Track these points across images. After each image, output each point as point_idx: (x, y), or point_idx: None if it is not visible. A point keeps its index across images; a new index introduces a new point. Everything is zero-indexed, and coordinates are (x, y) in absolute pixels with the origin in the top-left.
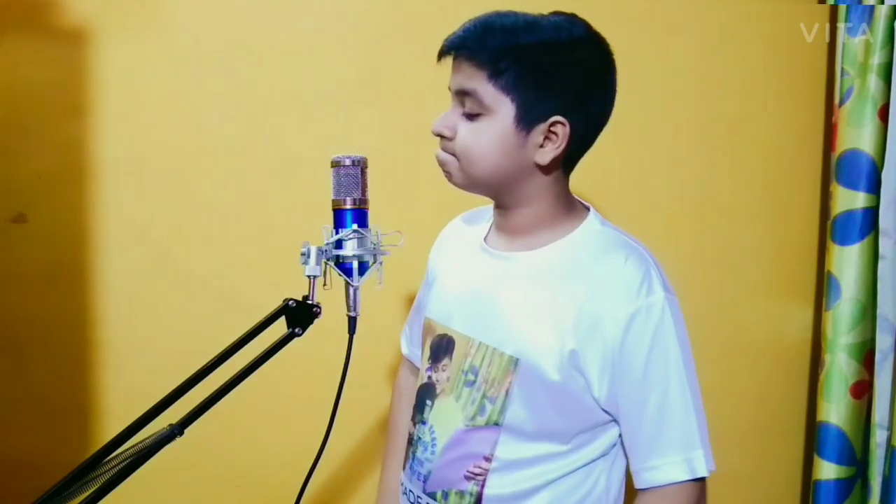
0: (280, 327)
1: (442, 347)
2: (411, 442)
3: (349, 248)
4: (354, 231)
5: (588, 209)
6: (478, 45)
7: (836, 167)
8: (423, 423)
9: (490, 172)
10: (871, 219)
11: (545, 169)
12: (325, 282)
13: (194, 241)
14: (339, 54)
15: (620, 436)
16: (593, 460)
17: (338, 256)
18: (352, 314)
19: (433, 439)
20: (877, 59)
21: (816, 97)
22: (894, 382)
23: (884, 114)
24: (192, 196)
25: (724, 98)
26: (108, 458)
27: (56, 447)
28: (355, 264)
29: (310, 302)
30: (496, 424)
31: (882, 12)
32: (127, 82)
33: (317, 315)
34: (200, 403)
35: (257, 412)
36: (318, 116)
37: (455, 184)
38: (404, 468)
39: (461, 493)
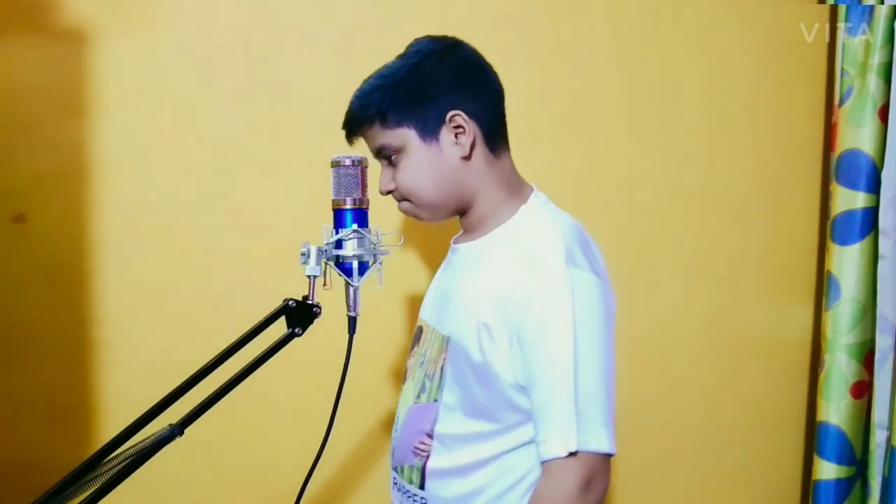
0: (280, 327)
1: (416, 337)
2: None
3: (349, 249)
4: (354, 231)
5: (532, 191)
6: (361, 111)
7: (835, 167)
8: (400, 405)
9: (436, 191)
10: (871, 219)
11: (470, 156)
12: (325, 282)
13: (194, 241)
14: (339, 53)
15: None
16: (529, 441)
17: (338, 256)
18: (352, 314)
19: (397, 419)
20: (877, 58)
21: (816, 97)
22: (894, 382)
23: (884, 114)
24: (191, 196)
25: (725, 98)
26: (108, 458)
27: (56, 447)
28: (355, 264)
29: (310, 302)
30: (435, 401)
31: (882, 12)
32: (127, 82)
33: (317, 315)
34: (200, 403)
35: (258, 412)
36: (318, 115)
37: (426, 220)
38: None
39: (411, 468)
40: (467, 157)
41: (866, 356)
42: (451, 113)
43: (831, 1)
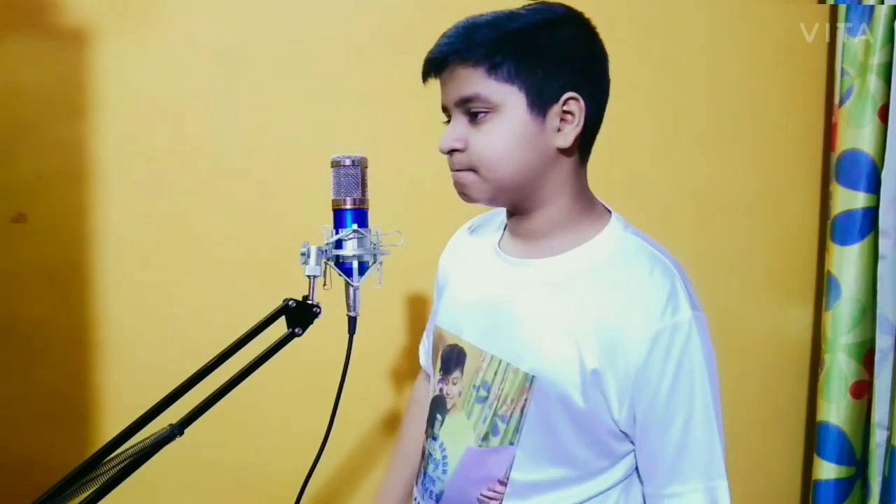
0: (280, 327)
1: (453, 359)
2: (424, 456)
3: (349, 248)
4: (354, 231)
5: (610, 212)
6: (467, 45)
7: (836, 167)
8: (434, 438)
9: (515, 171)
10: (870, 219)
11: (567, 151)
12: (325, 282)
13: (194, 241)
14: (338, 53)
15: (636, 460)
16: (609, 488)
17: (338, 256)
18: (352, 314)
19: (444, 457)
20: (877, 58)
21: (816, 97)
22: (894, 382)
23: (884, 114)
24: (191, 196)
25: (724, 98)
26: (108, 458)
27: (55, 447)
28: (355, 264)
29: (310, 302)
30: (511, 444)
31: (882, 12)
32: (127, 82)
33: (317, 315)
34: (200, 403)
35: (258, 412)
36: (318, 116)
37: (478, 201)
38: (417, 482)
39: None
40: (564, 151)
41: (866, 356)
42: (569, 94)
43: (831, 1)
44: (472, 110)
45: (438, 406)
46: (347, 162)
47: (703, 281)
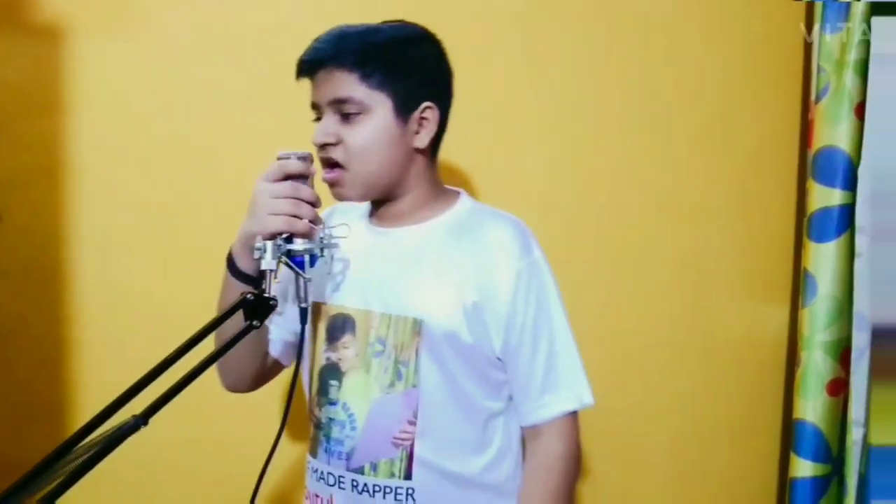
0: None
1: (338, 327)
2: (320, 426)
3: (299, 243)
4: None
5: (459, 192)
6: (341, 52)
7: (812, 164)
8: (333, 403)
9: (381, 166)
10: (847, 216)
11: (423, 152)
12: (276, 276)
13: (172, 238)
14: None
15: (511, 390)
16: (494, 416)
17: (289, 251)
18: (303, 305)
19: (350, 416)
20: (853, 55)
21: (793, 94)
22: (870, 380)
23: (860, 111)
24: (169, 194)
25: (700, 95)
26: (73, 449)
27: (32, 444)
28: (307, 258)
29: (267, 295)
30: (414, 387)
31: (858, 9)
32: (104, 79)
33: (273, 308)
34: (163, 394)
35: (224, 409)
36: (300, 112)
37: (349, 197)
38: (315, 454)
39: (391, 461)
40: (420, 150)
41: (842, 353)
42: (426, 103)
43: None
44: (344, 111)
45: (330, 373)
46: (294, 158)
47: (678, 278)
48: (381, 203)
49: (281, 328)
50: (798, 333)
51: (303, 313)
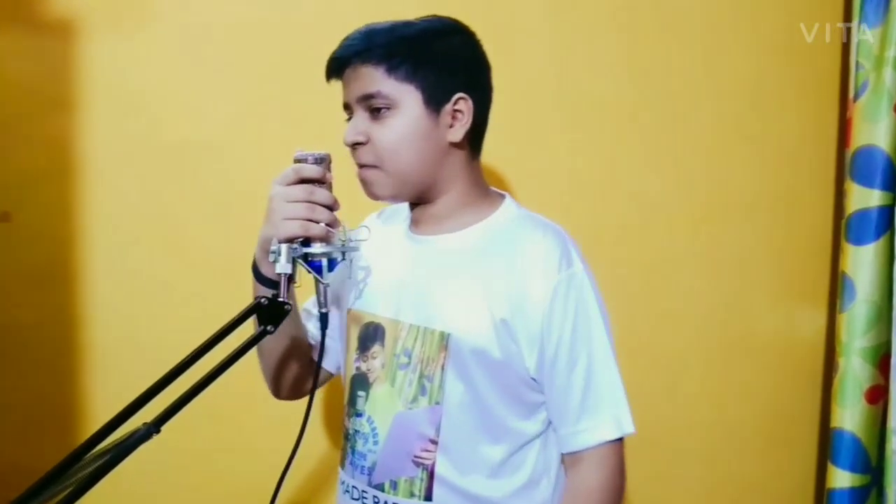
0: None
1: (370, 335)
2: (348, 437)
3: (318, 246)
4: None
5: (504, 196)
6: (367, 47)
7: (850, 164)
8: (360, 415)
9: (415, 163)
10: (886, 217)
11: (460, 147)
12: (295, 279)
13: (186, 240)
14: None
15: (548, 412)
16: (528, 442)
17: (306, 254)
18: (323, 311)
19: (373, 429)
20: (893, 51)
21: (830, 91)
22: None
23: None
24: (182, 195)
25: (735, 93)
26: (84, 458)
27: (42, 450)
28: (325, 262)
29: (281, 299)
30: (437, 404)
31: None
32: (116, 77)
33: (287, 312)
34: (175, 401)
35: (242, 414)
36: (315, 110)
37: (383, 197)
38: (343, 465)
39: (411, 479)
40: (456, 145)
41: (881, 360)
42: (459, 94)
43: None
44: (373, 106)
45: (359, 383)
46: (311, 160)
47: (713, 282)
48: (418, 206)
49: (330, 338)
50: (835, 339)
51: (322, 319)
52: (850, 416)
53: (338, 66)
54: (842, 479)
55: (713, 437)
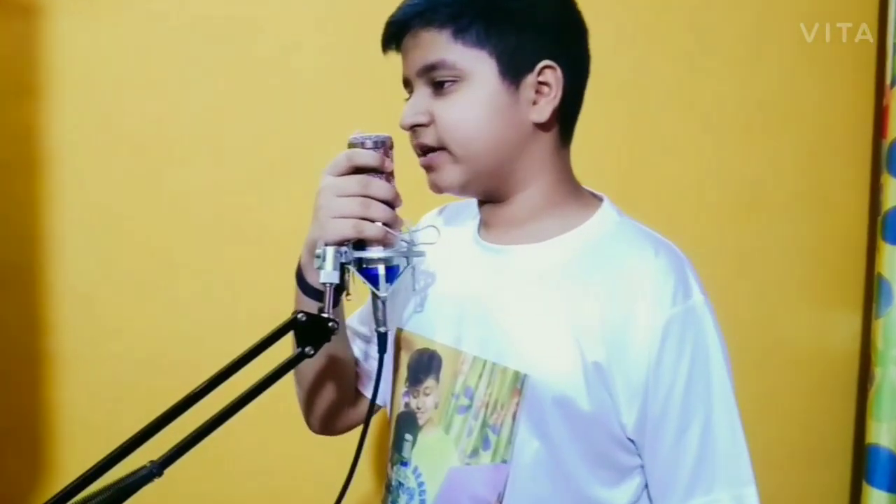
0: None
1: (423, 366)
2: (390, 489)
3: (374, 250)
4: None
5: (602, 198)
6: (429, 8)
7: (887, 156)
8: (405, 464)
9: (489, 146)
10: None
11: (544, 127)
12: (347, 291)
13: (159, 238)
14: (317, 29)
15: (645, 478)
16: None
17: (360, 259)
18: (381, 330)
19: (420, 485)
20: None
21: (865, 77)
22: None
23: None
24: (159, 189)
25: (763, 81)
26: (77, 499)
27: (4, 468)
28: (381, 269)
29: (325, 315)
30: (503, 462)
31: None
32: (85, 59)
33: (333, 331)
34: (182, 441)
35: (267, 435)
36: (299, 96)
37: (449, 187)
38: None
39: None
40: (541, 126)
41: None
42: (545, 62)
43: None
44: (436, 79)
45: (407, 424)
46: (369, 144)
47: (740, 284)
48: (489, 204)
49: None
50: (871, 347)
51: (381, 339)
52: (887, 431)
53: (395, 33)
54: (878, 499)
55: None
